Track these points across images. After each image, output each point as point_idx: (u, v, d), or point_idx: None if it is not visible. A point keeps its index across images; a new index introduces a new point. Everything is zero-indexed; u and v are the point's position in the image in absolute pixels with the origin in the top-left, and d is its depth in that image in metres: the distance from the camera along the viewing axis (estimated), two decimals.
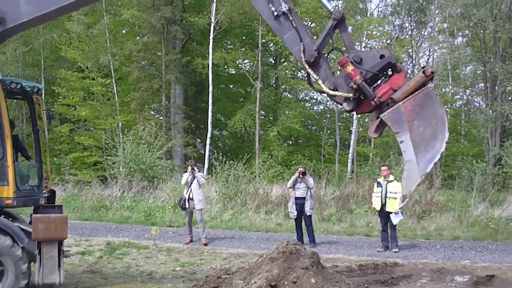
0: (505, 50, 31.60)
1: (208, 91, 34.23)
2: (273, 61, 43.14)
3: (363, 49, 34.22)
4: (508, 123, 33.11)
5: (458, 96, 40.06)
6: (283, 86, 40.01)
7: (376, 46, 35.58)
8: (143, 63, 36.99)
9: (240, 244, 17.38)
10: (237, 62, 39.83)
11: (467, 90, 39.36)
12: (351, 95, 8.19)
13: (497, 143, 29.76)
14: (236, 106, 41.21)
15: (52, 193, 11.13)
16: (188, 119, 37.88)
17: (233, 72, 44.20)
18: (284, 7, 8.42)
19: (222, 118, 44.28)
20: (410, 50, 38.98)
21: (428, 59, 40.64)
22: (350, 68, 8.08)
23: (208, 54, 33.99)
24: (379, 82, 8.41)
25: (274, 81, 42.87)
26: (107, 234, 18.97)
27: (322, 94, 8.94)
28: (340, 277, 9.53)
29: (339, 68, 8.59)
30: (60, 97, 36.27)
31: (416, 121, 7.84)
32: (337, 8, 8.37)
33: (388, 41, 37.48)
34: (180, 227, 20.18)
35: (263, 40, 36.55)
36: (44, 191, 10.81)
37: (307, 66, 8.44)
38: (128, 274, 12.85)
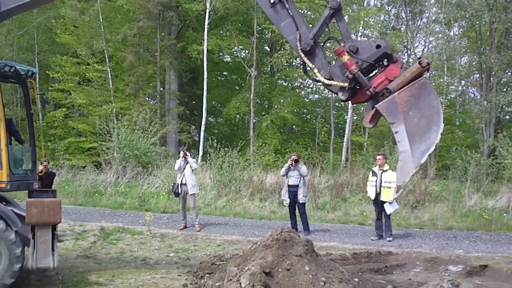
0: (501, 41, 31.55)
1: (203, 78, 34.19)
2: (269, 49, 42.95)
3: (359, 39, 34.26)
4: (502, 114, 33.07)
5: (453, 87, 40.11)
6: (278, 74, 39.95)
7: (374, 35, 35.49)
8: (138, 48, 36.80)
9: (234, 231, 17.42)
10: (233, 50, 39.74)
11: (462, 81, 39.37)
12: (346, 84, 8.15)
13: (492, 134, 29.75)
14: (231, 93, 41.08)
15: (52, 175, 11.11)
16: (182, 106, 37.79)
17: (229, 59, 44.12)
18: None
19: (217, 105, 44.22)
20: (405, 40, 38.94)
21: (423, 49, 40.68)
22: (346, 57, 8.04)
23: (203, 41, 33.93)
24: (374, 72, 8.39)
25: (269, 68, 42.83)
26: (101, 219, 18.98)
27: (317, 83, 8.90)
28: (334, 265, 9.55)
29: (335, 57, 8.55)
30: (55, 82, 36.06)
31: (411, 112, 7.83)
32: None
33: (384, 30, 37.43)
34: (174, 213, 20.20)
35: (259, 28, 36.42)
36: (42, 172, 10.78)
37: (302, 55, 8.38)
38: (122, 260, 12.83)
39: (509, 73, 32.91)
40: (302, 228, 16.96)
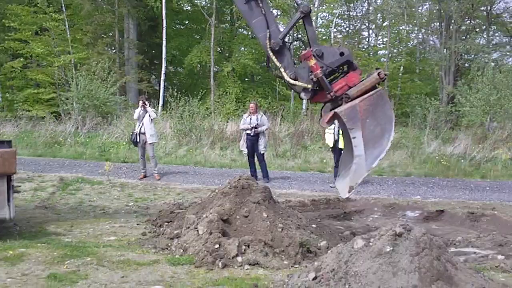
0: None
1: (162, 27, 33.81)
2: None
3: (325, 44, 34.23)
4: (461, 62, 33.42)
5: (413, 35, 40.26)
6: (238, 23, 39.63)
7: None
8: None
9: (194, 180, 17.40)
10: None
11: (423, 29, 39.54)
12: (310, 86, 8.56)
13: (451, 82, 30.10)
14: (192, 42, 40.71)
15: None
16: (142, 55, 37.45)
17: (189, 8, 43.59)
18: None
19: (178, 55, 43.80)
20: None
21: None
22: (312, 61, 8.44)
23: None
24: (334, 75, 8.80)
25: (229, 17, 42.47)
26: (60, 170, 18.76)
27: (281, 80, 9.19)
28: (292, 211, 9.63)
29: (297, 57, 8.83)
30: (11, 32, 35.35)
31: (368, 120, 8.30)
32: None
33: None
34: (135, 163, 20.10)
35: None
36: None
37: (271, 53, 8.68)
38: (81, 210, 12.74)
39: (468, 21, 33.13)
40: (262, 176, 17.03)
